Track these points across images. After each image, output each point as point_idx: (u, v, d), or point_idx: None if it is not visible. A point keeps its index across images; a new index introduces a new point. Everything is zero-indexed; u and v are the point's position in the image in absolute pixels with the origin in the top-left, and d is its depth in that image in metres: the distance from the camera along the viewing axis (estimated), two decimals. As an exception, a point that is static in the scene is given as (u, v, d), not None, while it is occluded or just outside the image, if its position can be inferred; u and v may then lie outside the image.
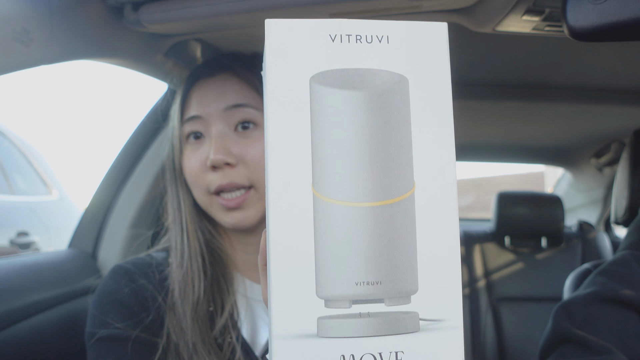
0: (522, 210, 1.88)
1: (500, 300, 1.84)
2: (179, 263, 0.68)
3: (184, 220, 0.70)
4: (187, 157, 0.70)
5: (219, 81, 0.70)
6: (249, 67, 0.71)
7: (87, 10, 0.68)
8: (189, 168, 0.69)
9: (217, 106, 0.67)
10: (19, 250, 2.11)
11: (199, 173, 0.67)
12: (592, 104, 1.41)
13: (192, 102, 0.70)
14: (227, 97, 0.68)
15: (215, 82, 0.70)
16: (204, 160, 0.67)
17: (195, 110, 0.69)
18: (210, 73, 0.71)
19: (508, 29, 0.74)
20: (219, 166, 0.65)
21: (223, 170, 0.66)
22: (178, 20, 0.70)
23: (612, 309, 0.66)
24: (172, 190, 0.73)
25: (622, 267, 0.72)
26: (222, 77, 0.70)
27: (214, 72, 0.71)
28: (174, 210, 0.72)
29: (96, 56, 0.74)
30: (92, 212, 1.13)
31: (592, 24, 0.51)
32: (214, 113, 0.67)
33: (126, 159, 1.11)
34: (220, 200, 0.67)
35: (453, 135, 0.33)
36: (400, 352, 0.31)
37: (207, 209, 0.70)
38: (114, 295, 0.66)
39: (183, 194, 0.72)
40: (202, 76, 0.71)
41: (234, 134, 0.67)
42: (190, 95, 0.71)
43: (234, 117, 0.67)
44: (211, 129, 0.67)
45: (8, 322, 0.81)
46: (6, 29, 0.56)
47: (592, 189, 2.23)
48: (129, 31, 0.75)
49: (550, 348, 0.67)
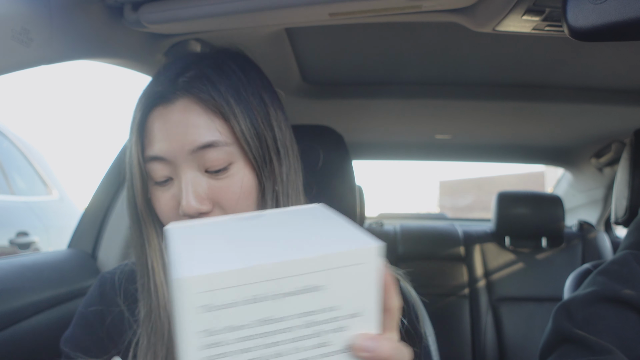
0: (522, 210, 1.88)
1: (500, 301, 1.84)
2: (146, 314, 0.61)
3: (150, 268, 0.62)
4: (156, 199, 0.61)
5: (179, 111, 0.58)
6: (217, 82, 0.58)
7: (86, 10, 0.68)
8: (159, 210, 0.60)
9: (182, 147, 0.57)
10: (19, 250, 2.11)
11: (172, 214, 0.59)
12: (593, 104, 1.41)
13: (153, 137, 0.59)
14: (193, 135, 0.56)
15: (174, 112, 0.58)
16: (176, 205, 0.59)
17: (158, 149, 0.58)
18: (167, 98, 0.58)
19: (508, 28, 0.74)
20: (193, 216, 0.57)
21: (198, 218, 0.58)
22: (178, 20, 0.69)
23: (613, 309, 0.66)
24: (135, 230, 0.64)
25: (622, 267, 0.72)
26: (183, 104, 0.58)
27: (172, 98, 0.58)
28: (139, 254, 0.64)
29: (96, 56, 0.74)
30: (92, 212, 1.13)
31: (593, 24, 0.51)
32: (180, 155, 0.57)
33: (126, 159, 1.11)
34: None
35: None
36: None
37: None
38: (82, 313, 0.65)
39: (148, 236, 0.63)
40: (157, 103, 0.59)
41: (205, 176, 0.58)
42: (148, 127, 0.60)
43: (202, 159, 0.57)
44: (179, 172, 0.58)
45: (8, 322, 0.81)
46: (5, 28, 0.56)
47: (593, 189, 2.22)
48: (129, 31, 0.75)
49: (550, 348, 0.67)
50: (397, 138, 2.06)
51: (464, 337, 1.84)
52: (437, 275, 1.93)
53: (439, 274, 1.93)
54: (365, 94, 1.44)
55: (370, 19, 0.76)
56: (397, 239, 2.03)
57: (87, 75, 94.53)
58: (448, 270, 1.94)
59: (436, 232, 2.04)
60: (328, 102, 1.47)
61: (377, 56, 1.21)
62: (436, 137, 1.99)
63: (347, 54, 1.20)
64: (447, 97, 1.40)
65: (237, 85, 0.59)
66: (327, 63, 1.28)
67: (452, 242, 1.98)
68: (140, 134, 0.60)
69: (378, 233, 2.08)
